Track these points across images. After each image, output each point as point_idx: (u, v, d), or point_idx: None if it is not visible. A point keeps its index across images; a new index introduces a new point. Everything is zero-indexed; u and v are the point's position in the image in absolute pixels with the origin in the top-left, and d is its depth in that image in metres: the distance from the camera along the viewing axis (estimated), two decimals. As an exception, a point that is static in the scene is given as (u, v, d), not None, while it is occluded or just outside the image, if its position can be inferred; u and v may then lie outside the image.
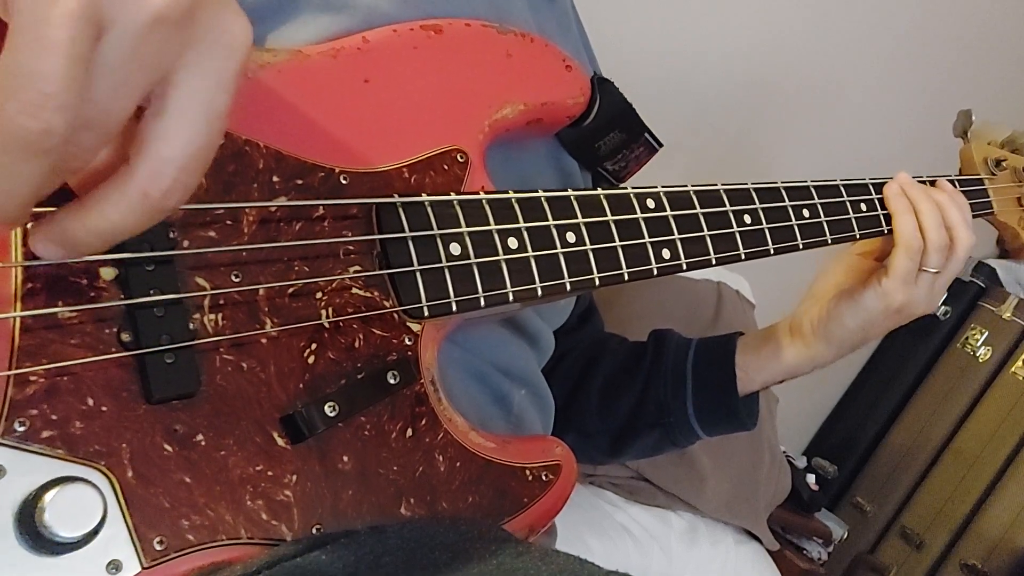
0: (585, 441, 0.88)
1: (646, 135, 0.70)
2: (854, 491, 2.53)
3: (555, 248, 0.56)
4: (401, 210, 0.51)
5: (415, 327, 0.52)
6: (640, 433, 0.86)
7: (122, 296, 0.41)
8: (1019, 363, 2.31)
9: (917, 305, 0.77)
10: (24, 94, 0.28)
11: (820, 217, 0.73)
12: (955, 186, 0.83)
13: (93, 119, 0.31)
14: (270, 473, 0.45)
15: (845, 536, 2.32)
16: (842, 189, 0.75)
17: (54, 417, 0.38)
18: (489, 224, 0.54)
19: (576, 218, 0.57)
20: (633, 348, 0.89)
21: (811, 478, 2.31)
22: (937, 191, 0.79)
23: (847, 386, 2.66)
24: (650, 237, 0.61)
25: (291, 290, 0.47)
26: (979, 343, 2.39)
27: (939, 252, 0.76)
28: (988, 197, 0.88)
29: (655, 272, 0.61)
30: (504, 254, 0.54)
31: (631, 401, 0.85)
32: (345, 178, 0.50)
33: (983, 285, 2.45)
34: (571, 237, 0.57)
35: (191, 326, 0.43)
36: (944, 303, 2.43)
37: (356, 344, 0.49)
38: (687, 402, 0.83)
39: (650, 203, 0.62)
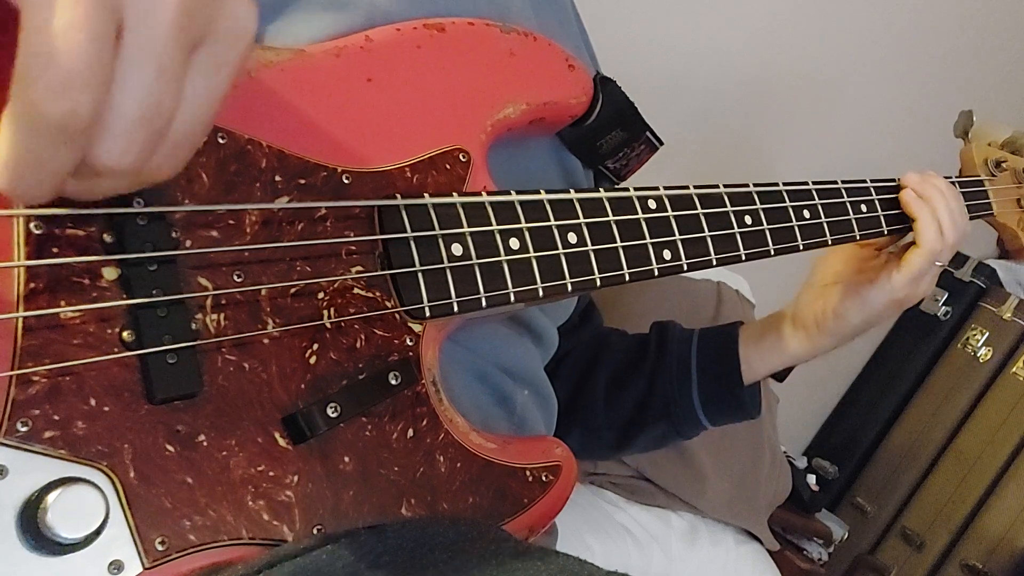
0: (591, 436, 0.88)
1: (647, 133, 0.70)
2: (855, 491, 2.53)
3: (557, 249, 0.56)
4: (403, 210, 0.51)
5: (416, 327, 0.52)
6: (647, 426, 0.86)
7: (124, 296, 0.41)
8: (1020, 363, 2.31)
9: (919, 296, 0.79)
10: (47, 76, 0.27)
11: (821, 218, 0.73)
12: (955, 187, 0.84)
13: (158, 114, 0.31)
14: (272, 473, 0.45)
15: (845, 537, 2.32)
16: (843, 190, 0.75)
17: (56, 417, 0.38)
18: (491, 224, 0.54)
19: (578, 219, 0.57)
20: (636, 341, 0.90)
21: (811, 478, 2.32)
22: (941, 181, 0.80)
23: (848, 386, 2.66)
24: (651, 238, 0.61)
25: (293, 290, 0.47)
26: (980, 343, 2.39)
27: (953, 250, 0.78)
28: (988, 199, 0.88)
29: (656, 273, 0.61)
30: (506, 255, 0.54)
31: (637, 394, 0.86)
32: (348, 177, 0.50)
33: (983, 285, 2.45)
34: (573, 238, 0.57)
35: (193, 326, 0.43)
36: (944, 303, 2.43)
37: (358, 344, 0.49)
38: (693, 395, 0.84)
39: (651, 204, 0.62)
